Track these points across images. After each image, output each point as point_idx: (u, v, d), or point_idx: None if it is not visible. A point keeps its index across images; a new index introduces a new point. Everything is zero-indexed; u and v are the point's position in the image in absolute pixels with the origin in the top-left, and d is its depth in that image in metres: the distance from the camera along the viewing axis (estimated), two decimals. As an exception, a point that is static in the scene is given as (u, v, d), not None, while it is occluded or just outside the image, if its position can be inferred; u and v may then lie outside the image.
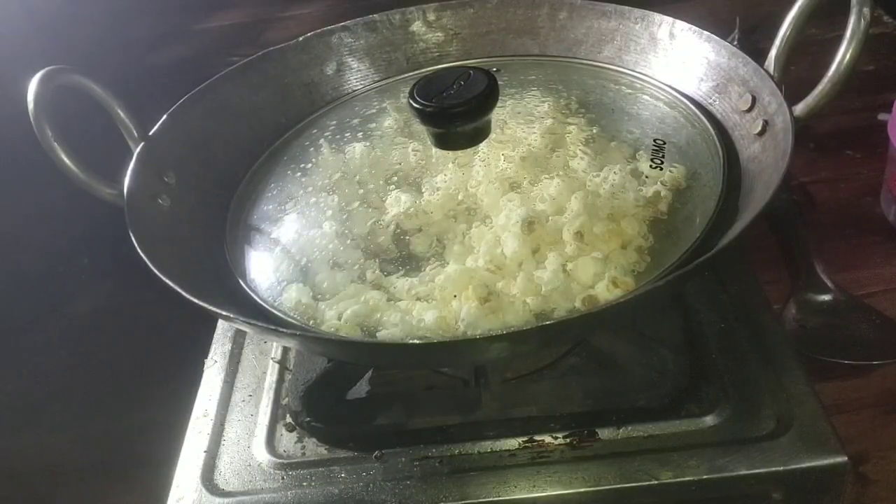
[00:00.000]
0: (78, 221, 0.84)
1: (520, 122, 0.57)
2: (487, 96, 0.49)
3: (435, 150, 0.53)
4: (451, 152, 0.53)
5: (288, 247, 0.52)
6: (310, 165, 0.57)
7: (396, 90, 0.63)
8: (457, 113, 0.49)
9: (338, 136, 0.60)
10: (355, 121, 0.62)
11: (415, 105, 0.49)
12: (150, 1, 1.25)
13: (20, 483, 0.61)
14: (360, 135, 0.59)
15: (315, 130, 0.63)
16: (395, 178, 0.54)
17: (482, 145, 0.52)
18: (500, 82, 0.51)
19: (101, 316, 0.75)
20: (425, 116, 0.49)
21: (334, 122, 0.63)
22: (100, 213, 0.52)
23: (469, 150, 0.52)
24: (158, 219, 0.53)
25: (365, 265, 0.49)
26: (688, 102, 0.57)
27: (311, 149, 0.59)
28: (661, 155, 0.50)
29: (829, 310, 0.61)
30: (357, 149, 0.57)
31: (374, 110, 0.62)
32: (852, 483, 0.50)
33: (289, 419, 0.54)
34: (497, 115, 0.57)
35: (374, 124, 0.60)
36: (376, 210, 0.52)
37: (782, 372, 0.51)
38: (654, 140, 0.51)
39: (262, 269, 0.51)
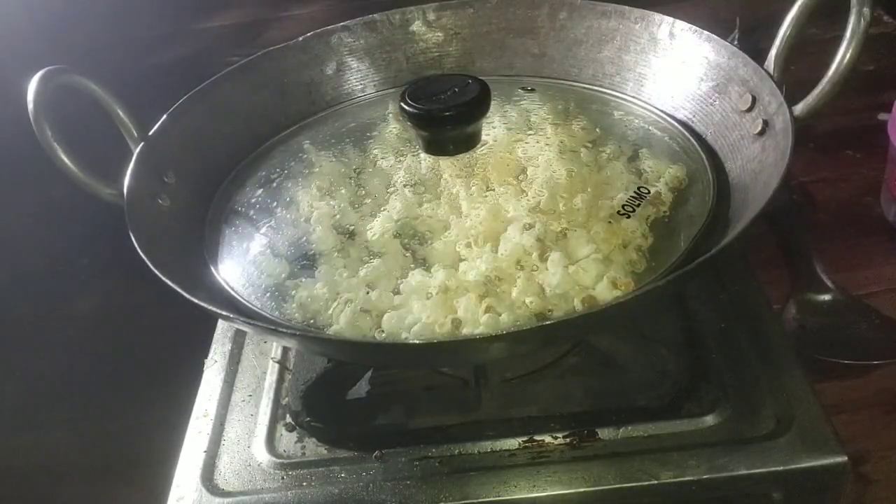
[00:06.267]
0: (78, 221, 0.84)
1: (521, 124, 0.57)
2: (476, 104, 0.49)
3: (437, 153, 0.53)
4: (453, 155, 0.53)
5: (288, 247, 0.52)
6: (310, 169, 0.57)
7: (397, 94, 0.63)
8: (443, 117, 0.49)
9: (338, 139, 0.60)
10: (355, 124, 0.62)
11: (403, 105, 0.50)
12: (149, 1, 1.25)
13: (20, 483, 0.61)
14: (360, 137, 0.59)
15: (315, 132, 0.63)
16: (396, 180, 0.54)
17: (482, 149, 0.53)
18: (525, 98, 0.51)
19: (101, 316, 0.75)
20: (411, 117, 0.50)
21: (335, 125, 0.63)
22: (100, 213, 0.52)
23: (471, 151, 0.52)
24: (158, 219, 0.53)
25: (366, 266, 0.49)
26: (686, 105, 0.58)
27: (312, 151, 0.59)
28: (637, 203, 0.50)
29: (829, 310, 0.61)
30: (358, 152, 0.58)
31: (377, 113, 0.62)
32: (852, 483, 0.50)
33: (289, 419, 0.54)
34: (498, 117, 0.57)
35: (376, 130, 0.60)
36: (377, 211, 0.52)
37: (782, 372, 0.51)
38: (639, 188, 0.51)
39: (262, 268, 0.51)
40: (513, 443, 0.50)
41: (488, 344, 0.41)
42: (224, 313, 0.44)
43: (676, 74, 0.59)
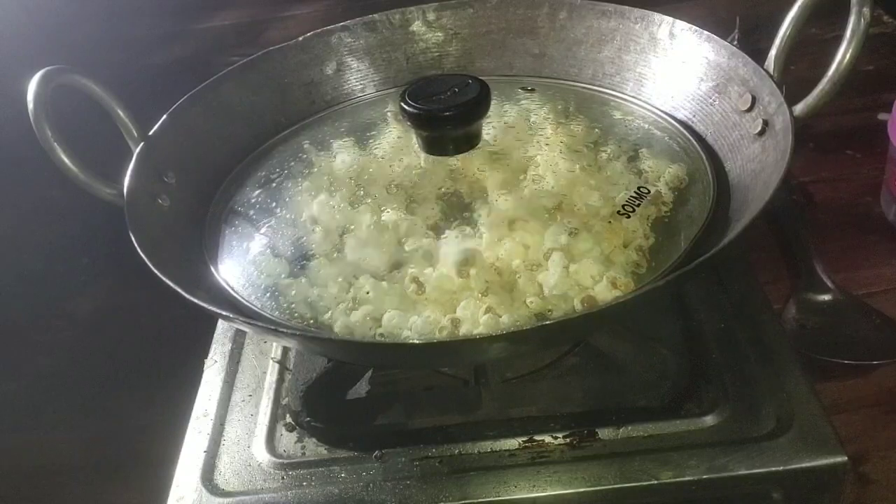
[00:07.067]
0: (78, 221, 0.84)
1: (521, 124, 0.57)
2: (476, 104, 0.50)
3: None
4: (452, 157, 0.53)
5: (288, 246, 0.52)
6: (310, 169, 0.57)
7: (397, 94, 0.63)
8: (443, 117, 0.49)
9: (338, 139, 0.60)
10: (355, 124, 0.62)
11: (403, 105, 0.50)
12: (149, 1, 1.25)
13: (20, 483, 0.61)
14: (360, 137, 0.59)
15: (315, 132, 0.63)
16: (395, 180, 0.54)
17: (482, 149, 0.53)
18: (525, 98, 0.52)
19: (101, 316, 0.75)
20: (411, 117, 0.50)
21: (335, 125, 0.63)
22: (100, 213, 0.52)
23: (471, 151, 0.52)
24: (158, 219, 0.53)
25: (367, 266, 0.49)
26: (686, 105, 0.58)
27: (312, 151, 0.59)
28: (637, 203, 0.50)
29: (829, 310, 0.61)
30: (357, 152, 0.58)
31: (377, 113, 0.62)
32: (852, 483, 0.50)
33: (289, 419, 0.54)
34: (498, 117, 0.57)
35: (376, 130, 0.60)
36: (377, 212, 0.52)
37: (782, 372, 0.51)
38: (639, 188, 0.51)
39: (262, 268, 0.51)
40: (513, 443, 0.50)
41: (488, 344, 0.41)
42: (224, 313, 0.44)
43: (676, 74, 0.59)
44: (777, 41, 0.51)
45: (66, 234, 0.84)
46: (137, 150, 0.55)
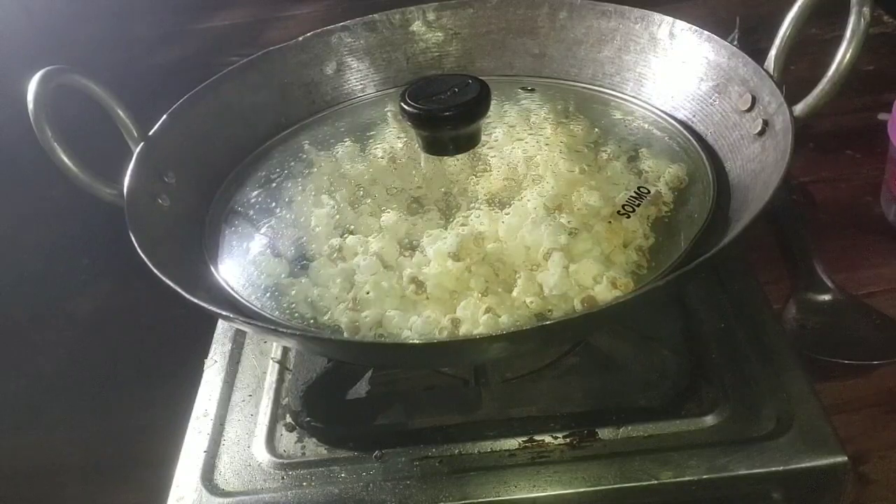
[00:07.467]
0: (78, 221, 0.84)
1: (521, 124, 0.57)
2: (476, 104, 0.50)
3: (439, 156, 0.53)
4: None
5: (288, 246, 0.52)
6: (310, 169, 0.57)
7: (397, 94, 0.63)
8: (443, 117, 0.49)
9: (338, 140, 0.60)
10: (355, 124, 0.62)
11: (403, 105, 0.50)
12: (150, 1, 1.25)
13: (20, 483, 0.61)
14: (360, 137, 0.59)
15: (315, 132, 0.63)
16: (395, 180, 0.54)
17: (482, 149, 0.53)
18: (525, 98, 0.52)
19: (101, 316, 0.75)
20: (411, 117, 0.50)
21: (335, 125, 0.63)
22: (100, 213, 0.52)
23: (471, 151, 0.52)
24: (158, 219, 0.53)
25: (366, 265, 0.49)
26: (686, 105, 0.58)
27: (312, 151, 0.59)
28: (637, 203, 0.50)
29: (829, 310, 0.61)
30: (357, 152, 0.58)
31: (377, 113, 0.62)
32: (852, 483, 0.50)
33: (289, 419, 0.54)
34: (498, 117, 0.57)
35: (376, 130, 0.60)
36: (376, 212, 0.52)
37: (782, 372, 0.51)
38: (639, 188, 0.51)
39: (262, 268, 0.51)
40: (513, 443, 0.50)
41: (488, 344, 0.41)
42: (224, 313, 0.44)
43: (676, 74, 0.59)
44: (777, 41, 0.51)
45: (66, 234, 0.84)
46: (137, 150, 0.55)
